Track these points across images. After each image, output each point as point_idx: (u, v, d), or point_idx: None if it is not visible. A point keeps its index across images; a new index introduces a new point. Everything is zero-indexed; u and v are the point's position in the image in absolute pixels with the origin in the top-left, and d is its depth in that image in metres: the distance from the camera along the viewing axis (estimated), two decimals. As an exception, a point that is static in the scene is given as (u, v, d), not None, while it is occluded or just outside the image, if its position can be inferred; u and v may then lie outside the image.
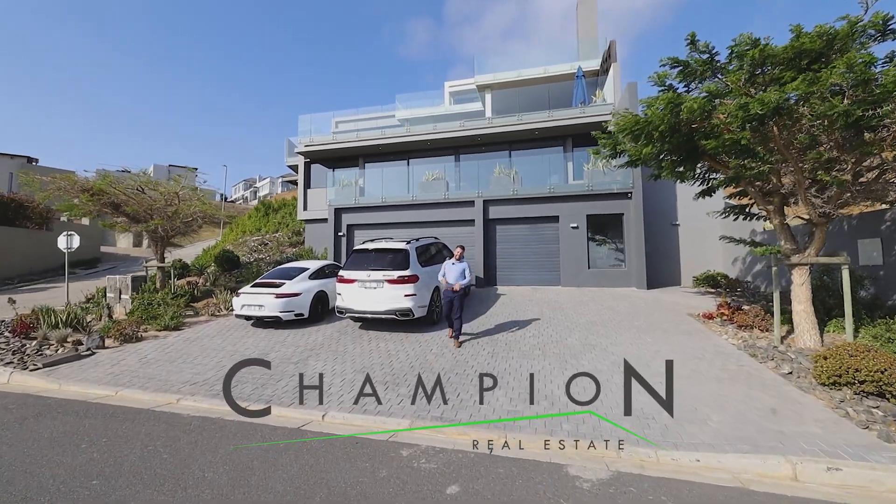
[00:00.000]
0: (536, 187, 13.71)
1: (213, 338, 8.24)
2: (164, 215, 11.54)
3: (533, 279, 13.64)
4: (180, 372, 6.37)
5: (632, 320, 8.65)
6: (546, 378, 5.72)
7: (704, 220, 13.98)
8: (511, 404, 4.94)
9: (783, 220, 6.71)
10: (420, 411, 4.81)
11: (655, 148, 6.24)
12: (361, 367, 6.34)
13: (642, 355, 6.53)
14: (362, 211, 15.31)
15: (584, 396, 5.02)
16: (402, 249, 8.39)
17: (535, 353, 6.81)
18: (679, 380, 5.50)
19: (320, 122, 19.11)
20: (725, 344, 6.90)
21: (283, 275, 9.62)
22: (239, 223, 22.97)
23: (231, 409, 4.91)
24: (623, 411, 4.66)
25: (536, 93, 18.26)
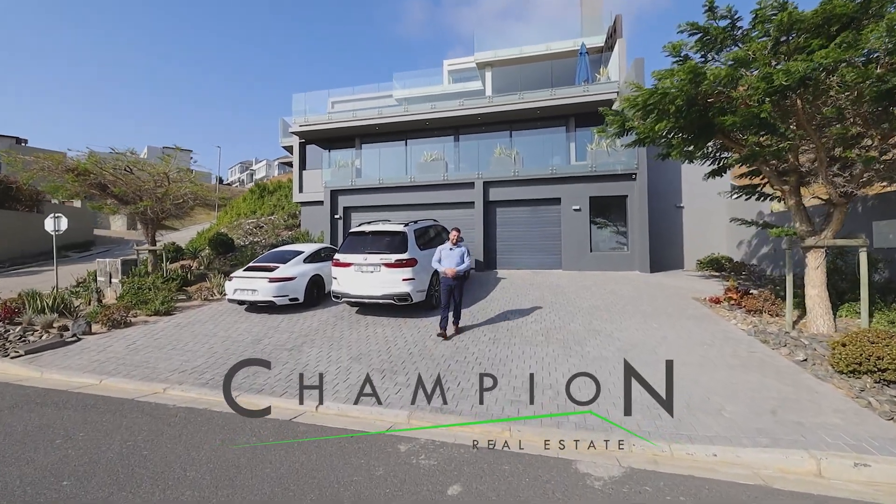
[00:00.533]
0: (538, 168, 13.30)
1: (205, 323, 7.97)
2: (153, 196, 11.13)
3: (534, 263, 13.36)
4: (169, 359, 6.12)
5: (636, 305, 8.41)
6: (550, 365, 5.49)
7: (709, 203, 13.68)
8: (514, 394, 4.71)
9: (799, 201, 6.40)
10: (419, 401, 4.58)
11: (669, 123, 5.86)
12: (358, 355, 6.10)
13: (648, 341, 6.30)
14: (359, 193, 14.90)
15: (591, 387, 4.80)
16: (400, 232, 8.07)
17: (539, 339, 6.57)
18: (688, 367, 5.28)
19: (315, 101, 18.51)
20: (735, 329, 6.67)
21: (277, 258, 9.31)
22: (234, 206, 22.51)
23: (222, 399, 4.67)
24: (631, 402, 4.43)
25: (538, 70, 17.65)
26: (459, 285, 6.69)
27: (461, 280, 6.71)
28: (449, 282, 6.61)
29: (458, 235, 6.84)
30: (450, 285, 6.61)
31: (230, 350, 6.44)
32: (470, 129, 16.11)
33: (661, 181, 13.69)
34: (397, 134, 16.80)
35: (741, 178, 7.95)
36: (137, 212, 10.87)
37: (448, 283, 6.62)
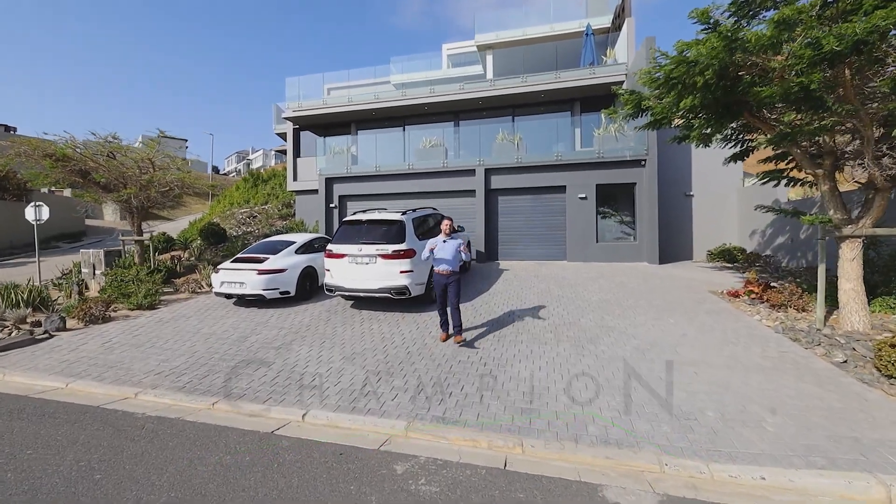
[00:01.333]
0: (542, 155, 12.69)
1: (190, 318, 7.46)
2: (137, 184, 10.53)
3: (537, 253, 12.84)
4: (146, 359, 5.61)
5: (649, 298, 7.91)
6: (562, 367, 4.99)
7: (720, 191, 13.13)
8: (524, 399, 4.22)
9: (834, 186, 5.85)
10: (418, 409, 4.08)
11: (695, 100, 5.27)
12: (351, 354, 5.60)
13: (666, 339, 5.80)
14: (355, 181, 14.30)
15: (610, 393, 4.31)
16: (397, 221, 7.51)
17: (547, 336, 6.07)
18: (715, 370, 4.79)
19: (310, 85, 17.74)
20: (759, 325, 6.18)
21: (267, 249, 8.77)
22: (227, 195, 21.86)
23: (198, 406, 4.18)
24: (658, 409, 3.95)
25: (542, 52, 16.90)
26: (455, 284, 5.66)
27: (457, 277, 5.73)
28: (441, 280, 5.70)
29: (451, 225, 5.93)
30: (442, 284, 5.69)
31: (213, 349, 5.93)
32: (471, 115, 15.47)
33: (669, 168, 13.11)
34: (395, 119, 16.15)
35: (764, 162, 7.38)
36: (120, 199, 10.28)
37: (441, 281, 5.71)
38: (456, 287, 5.70)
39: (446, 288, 5.73)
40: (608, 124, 12.27)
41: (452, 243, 5.73)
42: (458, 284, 5.73)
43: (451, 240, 5.77)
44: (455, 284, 5.70)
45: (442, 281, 5.73)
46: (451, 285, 5.69)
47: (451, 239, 5.78)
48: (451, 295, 5.69)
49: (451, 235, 5.84)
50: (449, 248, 5.70)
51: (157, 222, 32.00)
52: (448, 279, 5.69)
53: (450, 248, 5.70)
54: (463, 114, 15.55)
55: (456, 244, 5.73)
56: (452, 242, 5.74)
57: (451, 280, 5.69)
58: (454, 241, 5.77)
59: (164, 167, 11.43)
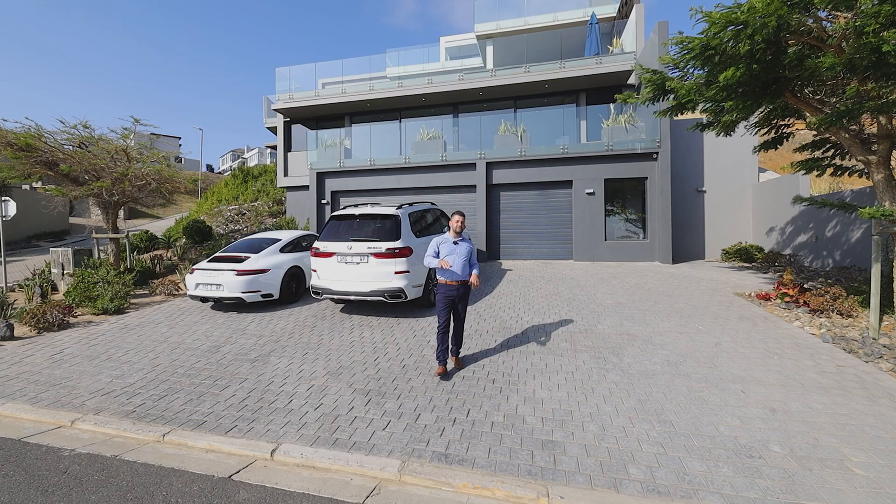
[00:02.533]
0: (547, 148, 11.93)
1: (159, 324, 6.66)
2: (111, 176, 9.70)
3: (541, 252, 12.09)
4: (97, 374, 4.82)
5: (670, 301, 7.17)
6: (585, 385, 4.24)
7: (734, 186, 12.43)
8: (544, 429, 3.46)
9: (890, 175, 5.13)
10: (415, 442, 3.32)
11: (739, 71, 4.52)
12: (337, 368, 4.82)
13: (700, 350, 5.07)
14: (348, 175, 13.50)
15: (645, 419, 3.56)
16: (392, 216, 6.74)
17: (562, 346, 5.32)
18: (767, 389, 4.05)
19: (302, 77, 16.87)
20: (803, 334, 5.45)
21: (249, 247, 7.97)
22: (215, 191, 20.98)
23: (144, 438, 3.40)
24: (709, 443, 3.20)
25: (545, 42, 16.13)
26: (464, 295, 4.64)
27: (467, 289, 4.66)
28: (450, 292, 4.52)
29: (463, 222, 4.65)
30: (450, 297, 4.53)
31: (179, 361, 5.14)
32: (471, 107, 14.73)
33: (680, 163, 12.40)
34: (391, 112, 15.37)
35: (800, 151, 6.65)
36: (90, 193, 9.44)
37: (448, 294, 4.52)
38: (466, 299, 4.70)
39: (456, 303, 4.58)
40: (618, 114, 11.54)
41: (465, 246, 4.61)
42: (468, 296, 4.76)
43: (462, 242, 4.63)
44: (465, 296, 4.67)
45: (451, 293, 4.53)
46: (460, 297, 4.60)
47: (462, 241, 4.63)
48: (462, 309, 4.67)
49: (461, 236, 4.66)
50: (461, 252, 4.56)
51: (146, 220, 31.07)
52: (458, 291, 4.55)
53: (462, 252, 4.56)
54: (462, 106, 14.80)
55: (468, 248, 4.63)
56: (465, 245, 4.61)
57: (461, 292, 4.58)
58: (466, 245, 4.63)
59: (141, 159, 10.62)
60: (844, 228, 8.72)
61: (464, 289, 4.61)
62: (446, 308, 4.55)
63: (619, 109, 11.80)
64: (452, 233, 4.62)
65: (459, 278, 4.53)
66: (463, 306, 4.67)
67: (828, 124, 4.68)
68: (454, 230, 4.61)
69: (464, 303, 4.68)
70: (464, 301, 4.67)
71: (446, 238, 4.64)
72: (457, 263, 4.51)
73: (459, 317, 4.68)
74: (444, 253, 4.55)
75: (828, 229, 9.26)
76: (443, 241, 4.63)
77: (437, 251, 4.59)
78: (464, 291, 4.62)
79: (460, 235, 4.65)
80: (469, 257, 4.60)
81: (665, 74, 6.31)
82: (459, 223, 4.62)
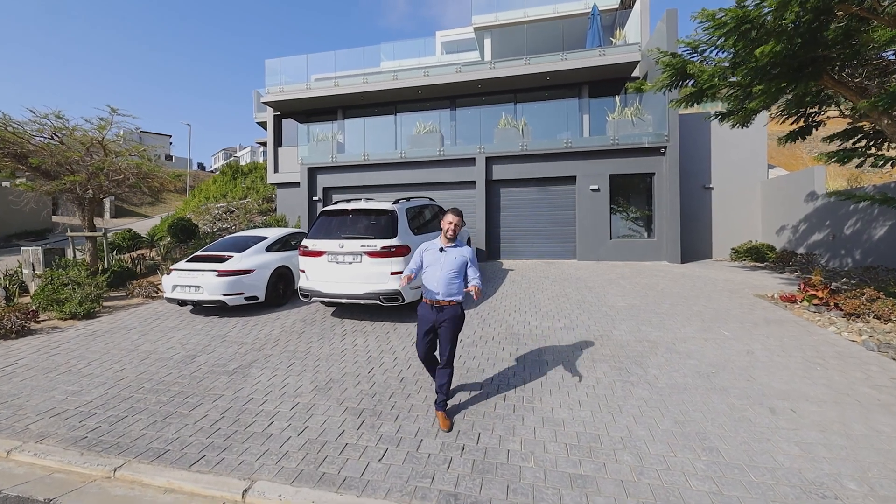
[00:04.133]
0: (550, 142, 11.41)
1: (131, 331, 6.04)
2: (85, 170, 9.03)
3: (543, 251, 11.58)
4: (51, 390, 4.21)
5: (687, 304, 6.68)
6: (609, 402, 3.70)
7: (742, 183, 11.98)
8: (570, 458, 2.92)
9: (938, 165, 4.65)
10: (418, 477, 2.76)
11: (778, 45, 4.01)
12: (326, 382, 4.25)
13: (730, 359, 4.56)
14: (341, 171, 12.90)
15: (684, 443, 3.03)
16: (388, 211, 6.17)
17: (578, 354, 4.79)
18: (817, 406, 3.54)
19: (292, 69, 16.21)
20: (841, 340, 4.96)
21: (232, 246, 7.37)
22: (202, 188, 20.23)
23: (91, 474, 2.82)
24: (767, 476, 2.68)
25: (545, 34, 15.61)
26: (448, 322, 3.36)
27: (455, 312, 3.39)
28: (427, 314, 3.41)
29: (458, 223, 3.45)
30: (429, 321, 3.40)
31: (147, 374, 4.54)
32: (468, 100, 14.19)
33: (687, 158, 11.92)
34: (385, 105, 14.79)
35: (829, 140, 6.18)
36: (62, 188, 8.77)
37: (425, 316, 3.43)
38: (452, 327, 3.37)
39: (435, 329, 3.42)
40: (624, 107, 11.05)
41: (456, 254, 3.41)
42: (455, 323, 3.38)
43: (452, 248, 3.45)
44: (451, 323, 3.36)
45: (427, 317, 3.41)
46: (445, 324, 3.35)
47: (453, 246, 3.46)
48: (444, 341, 3.39)
49: (457, 241, 3.52)
50: (450, 261, 3.38)
51: (134, 219, 30.22)
52: (436, 314, 3.37)
53: (448, 262, 3.37)
54: (460, 99, 14.27)
55: (463, 256, 3.42)
56: (455, 252, 3.42)
57: (444, 316, 3.36)
58: (459, 251, 3.44)
59: (120, 152, 9.95)
60: (866, 226, 8.28)
61: (447, 313, 3.34)
62: (424, 336, 3.45)
63: (624, 102, 11.32)
64: (443, 237, 3.47)
65: (437, 297, 3.34)
66: (446, 337, 3.36)
67: (884, 107, 4.18)
68: (445, 234, 3.44)
69: (447, 332, 3.35)
70: (447, 329, 3.35)
71: (434, 244, 3.51)
72: (437, 277, 3.36)
73: (442, 350, 3.43)
74: (426, 263, 3.47)
75: (847, 227, 8.82)
76: (427, 248, 3.51)
77: (420, 262, 3.51)
78: (447, 317, 3.34)
79: (453, 241, 3.47)
80: (461, 269, 3.41)
81: (685, 59, 5.79)
82: (452, 226, 3.40)
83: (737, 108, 6.06)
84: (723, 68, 5.47)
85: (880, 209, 7.84)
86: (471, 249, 3.54)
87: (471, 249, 3.54)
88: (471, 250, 3.53)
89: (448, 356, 3.42)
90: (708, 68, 5.53)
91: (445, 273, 3.37)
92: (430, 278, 3.41)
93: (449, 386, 3.49)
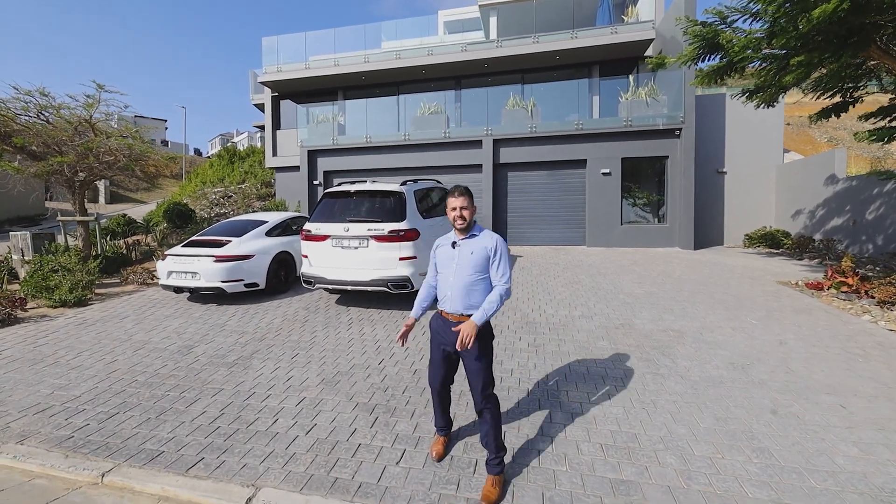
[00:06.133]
0: (560, 124, 10.98)
1: (124, 319, 5.73)
2: (73, 151, 8.61)
3: (552, 237, 11.26)
4: (36, 384, 3.91)
5: (708, 292, 6.39)
6: (640, 397, 3.42)
7: (756, 168, 11.60)
8: (607, 461, 2.64)
9: None
10: (441, 483, 2.48)
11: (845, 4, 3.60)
12: (334, 375, 3.96)
13: (764, 350, 4.28)
14: (342, 154, 12.47)
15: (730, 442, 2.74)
16: (396, 193, 5.81)
17: (601, 344, 4.51)
18: (869, 400, 3.27)
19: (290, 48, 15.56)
20: (880, 330, 4.68)
21: (230, 230, 7.02)
22: (199, 173, 19.74)
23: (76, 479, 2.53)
24: (829, 481, 2.40)
25: (553, 12, 14.96)
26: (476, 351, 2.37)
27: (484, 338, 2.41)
28: (441, 329, 2.52)
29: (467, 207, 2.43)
30: (442, 342, 2.52)
31: (141, 366, 4.25)
32: (474, 81, 13.69)
33: (700, 141, 11.50)
34: (387, 86, 14.28)
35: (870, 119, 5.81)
36: (49, 170, 8.35)
37: (443, 335, 2.50)
38: (477, 354, 2.38)
39: (454, 359, 2.54)
40: (637, 87, 10.60)
41: (472, 248, 2.42)
42: (481, 349, 2.39)
43: (468, 240, 2.45)
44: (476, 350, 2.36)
45: (443, 334, 2.49)
46: (468, 353, 2.39)
47: (469, 238, 2.46)
48: (470, 374, 2.43)
49: (473, 230, 2.49)
50: (463, 262, 2.42)
51: (129, 205, 29.71)
52: (451, 335, 2.40)
53: (465, 262, 2.41)
54: (465, 80, 13.77)
55: (483, 250, 2.40)
56: (472, 246, 2.42)
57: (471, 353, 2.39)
58: (476, 244, 2.43)
59: (110, 133, 9.50)
60: (890, 211, 7.96)
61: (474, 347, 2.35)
62: (437, 360, 2.57)
63: (638, 82, 10.87)
64: (457, 232, 2.50)
65: (456, 310, 2.42)
66: (472, 369, 2.40)
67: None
68: (456, 225, 2.46)
69: (472, 362, 2.39)
70: (470, 359, 2.39)
71: (447, 238, 2.57)
72: (451, 284, 2.45)
73: (473, 390, 2.45)
74: (439, 266, 2.56)
75: (868, 212, 8.50)
76: (440, 245, 2.61)
77: (434, 265, 2.62)
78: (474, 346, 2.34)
79: (468, 232, 2.47)
80: (483, 268, 2.40)
81: (716, 28, 5.38)
82: (457, 213, 2.42)
83: (768, 83, 5.65)
84: (757, 39, 5.05)
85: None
86: (496, 238, 2.42)
87: (496, 238, 2.42)
88: (496, 239, 2.42)
89: (481, 394, 2.39)
90: (741, 39, 5.11)
91: (461, 277, 2.40)
92: (444, 285, 2.50)
93: (496, 436, 2.40)
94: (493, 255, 2.40)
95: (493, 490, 2.32)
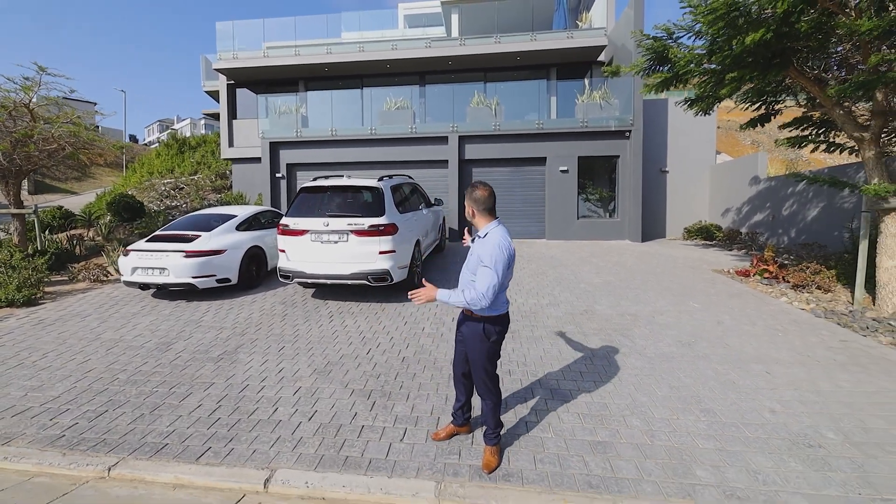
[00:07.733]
0: (523, 123, 11.49)
1: (86, 318, 5.47)
2: (9, 138, 7.88)
3: (515, 231, 11.77)
4: (5, 386, 3.73)
5: (657, 280, 7.12)
6: (608, 372, 3.90)
7: (693, 167, 12.80)
8: (586, 427, 3.05)
9: (880, 153, 5.22)
10: (444, 454, 2.77)
11: (769, 34, 4.24)
12: (325, 365, 4.11)
13: (705, 329, 4.94)
14: (307, 146, 12.25)
15: (683, 407, 3.26)
16: (374, 188, 5.96)
17: (569, 328, 4.98)
18: (787, 367, 3.95)
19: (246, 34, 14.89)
20: (793, 310, 5.53)
21: (197, 224, 6.82)
22: (144, 162, 18.42)
23: (77, 475, 2.55)
24: (763, 432, 2.96)
25: (514, 12, 15.45)
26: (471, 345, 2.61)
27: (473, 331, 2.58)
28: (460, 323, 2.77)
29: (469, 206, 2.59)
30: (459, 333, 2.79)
31: (119, 364, 4.15)
32: (438, 77, 13.87)
33: (646, 143, 12.50)
34: (351, 79, 14.13)
35: (785, 128, 6.72)
36: (-19, 159, 7.61)
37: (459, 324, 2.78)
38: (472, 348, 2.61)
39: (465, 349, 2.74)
40: (593, 90, 11.32)
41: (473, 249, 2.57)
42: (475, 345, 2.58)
43: (477, 240, 2.58)
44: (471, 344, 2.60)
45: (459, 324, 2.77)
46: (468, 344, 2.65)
47: (477, 238, 2.58)
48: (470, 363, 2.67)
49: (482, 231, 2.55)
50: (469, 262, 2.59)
51: (58, 196, 27.01)
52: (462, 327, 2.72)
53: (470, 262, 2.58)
54: (430, 75, 13.91)
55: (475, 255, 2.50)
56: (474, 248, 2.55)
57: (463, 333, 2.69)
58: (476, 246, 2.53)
59: (51, 119, 8.75)
60: (801, 207, 9.18)
61: (465, 330, 2.64)
62: (456, 348, 2.83)
63: (592, 85, 11.59)
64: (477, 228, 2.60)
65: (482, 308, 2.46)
66: (471, 360, 2.63)
67: (847, 95, 4.58)
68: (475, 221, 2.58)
69: (471, 354, 2.62)
70: (471, 351, 2.61)
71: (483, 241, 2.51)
72: (460, 279, 2.71)
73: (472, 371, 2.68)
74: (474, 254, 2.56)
75: (785, 208, 9.74)
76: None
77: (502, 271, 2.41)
78: (466, 335, 2.64)
79: (480, 232, 2.56)
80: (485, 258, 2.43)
81: (665, 43, 5.98)
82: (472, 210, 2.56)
83: (706, 94, 6.36)
84: (699, 55, 5.70)
85: (815, 193, 8.71)
86: (491, 246, 2.37)
87: (491, 246, 2.37)
88: (490, 247, 2.37)
89: (478, 386, 2.67)
90: (685, 54, 5.74)
91: (464, 276, 2.62)
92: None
93: (495, 415, 2.66)
94: (480, 263, 2.42)
95: (492, 458, 2.65)
